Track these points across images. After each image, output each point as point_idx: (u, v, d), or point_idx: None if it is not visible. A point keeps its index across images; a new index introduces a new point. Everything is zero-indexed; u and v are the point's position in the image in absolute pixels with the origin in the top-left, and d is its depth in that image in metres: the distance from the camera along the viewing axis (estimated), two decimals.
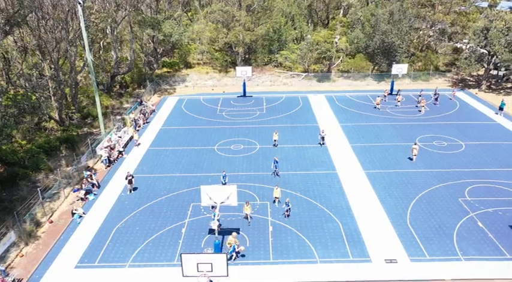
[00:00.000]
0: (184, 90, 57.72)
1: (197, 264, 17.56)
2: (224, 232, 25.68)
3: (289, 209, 27.35)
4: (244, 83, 53.92)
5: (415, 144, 35.35)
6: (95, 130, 43.47)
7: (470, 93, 54.10)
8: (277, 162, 33.06)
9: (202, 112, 48.50)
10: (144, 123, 44.93)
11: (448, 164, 34.63)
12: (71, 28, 41.26)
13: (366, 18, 59.88)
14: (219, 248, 22.56)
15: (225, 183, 30.40)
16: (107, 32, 51.04)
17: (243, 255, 23.90)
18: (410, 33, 58.74)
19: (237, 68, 54.37)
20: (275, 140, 38.17)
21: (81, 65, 47.74)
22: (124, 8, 51.13)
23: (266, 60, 66.04)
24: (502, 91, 54.45)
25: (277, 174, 33.03)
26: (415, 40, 61.76)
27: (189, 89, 58.52)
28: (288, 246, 24.94)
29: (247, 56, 66.78)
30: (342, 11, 72.07)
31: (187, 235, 25.97)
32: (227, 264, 17.94)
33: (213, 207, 25.76)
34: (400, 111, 47.33)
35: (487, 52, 52.51)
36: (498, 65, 53.30)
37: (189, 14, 78.93)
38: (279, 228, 26.61)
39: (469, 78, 60.06)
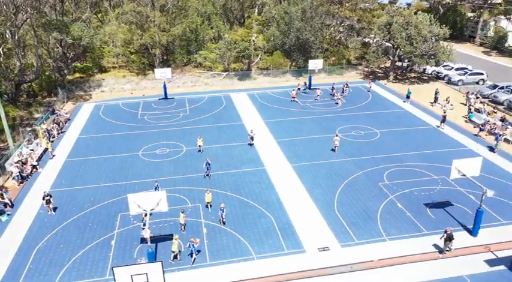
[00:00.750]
0: (100, 96, 54.77)
1: (131, 276, 16.78)
2: (157, 240, 24.92)
3: (224, 215, 26.61)
4: (164, 85, 52.60)
5: (336, 135, 37.17)
6: (2, 145, 39.60)
7: (380, 84, 58.15)
8: (209, 164, 32.75)
9: (122, 117, 46.43)
10: (58, 134, 41.87)
11: (367, 152, 36.90)
12: None
13: (280, 16, 61.51)
14: (152, 257, 21.81)
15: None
16: (7, 36, 46.70)
17: (198, 251, 23.69)
18: (322, 30, 61.47)
19: (155, 70, 52.89)
20: (199, 146, 37.01)
21: None
22: (24, 11, 47.15)
23: (185, 60, 65.05)
24: (407, 81, 59.27)
25: (208, 175, 32.70)
26: (327, 36, 64.74)
27: (106, 94, 55.68)
28: (223, 246, 24.85)
29: (165, 58, 65.24)
30: (256, 10, 73.22)
31: (118, 247, 24.75)
32: (163, 272, 17.38)
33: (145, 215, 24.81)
34: (319, 105, 49.41)
35: (391, 45, 56.69)
36: (402, 57, 57.77)
37: (99, 15, 74.96)
38: (213, 229, 26.42)
39: (378, 70, 64.47)
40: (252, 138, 38.28)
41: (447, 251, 23.74)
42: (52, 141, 39.70)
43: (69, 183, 32.57)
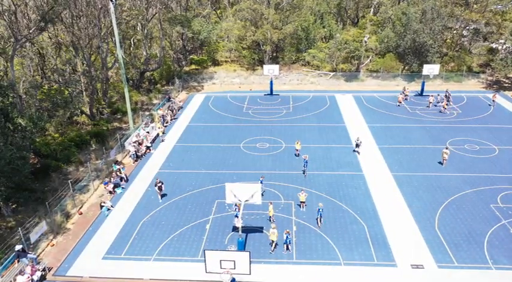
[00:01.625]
0: (211, 88, 58.13)
1: (220, 261, 17.66)
2: (248, 230, 25.78)
3: (321, 215, 26.47)
4: (271, 81, 53.82)
5: (446, 148, 34.38)
6: (124, 125, 44.35)
7: (506, 95, 52.21)
8: (306, 161, 32.90)
9: (228, 110, 48.71)
10: (171, 120, 45.52)
11: (480, 169, 33.55)
12: (103, 25, 42.21)
13: (397, 17, 58.60)
14: (242, 246, 22.61)
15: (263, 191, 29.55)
16: (138, 29, 51.94)
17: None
18: (443, 33, 57.15)
19: (264, 66, 54.31)
20: (297, 150, 36.03)
21: (113, 61, 48.72)
22: (154, 6, 51.92)
23: (294, 58, 65.68)
24: None
25: (304, 172, 32.83)
26: (448, 40, 59.98)
27: (217, 86, 58.90)
28: (311, 246, 24.76)
29: (274, 54, 66.64)
30: (372, 10, 70.77)
31: (211, 231, 26.17)
32: (250, 263, 17.97)
33: (236, 205, 25.87)
34: (430, 113, 46.14)
35: None
36: None
37: (218, 11, 79.25)
38: (303, 229, 26.43)
39: (504, 80, 57.96)
40: (357, 146, 36.62)
41: None
42: (166, 126, 43.34)
43: (176, 166, 35.28)
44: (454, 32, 59.62)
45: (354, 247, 24.62)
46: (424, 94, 51.59)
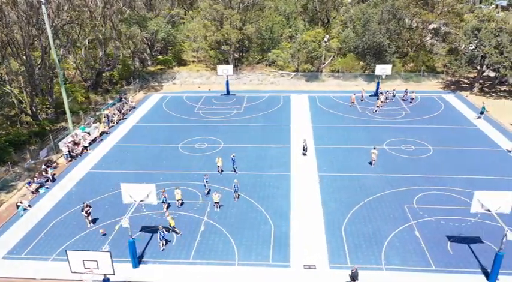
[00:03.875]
0: (171, 88, 58.24)
1: (83, 261, 17.76)
2: (151, 230, 25.89)
3: (236, 191, 29.09)
4: (227, 82, 53.90)
5: (374, 148, 34.32)
6: (74, 125, 44.44)
7: (461, 96, 52.12)
8: (233, 159, 33.25)
9: (180, 110, 48.79)
10: (120, 120, 45.63)
11: (409, 169, 33.53)
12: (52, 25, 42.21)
13: (357, 17, 58.56)
14: (133, 246, 22.60)
15: (208, 189, 30.33)
16: (95, 29, 52.00)
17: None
18: (401, 33, 57.07)
19: (218, 66, 54.36)
20: (218, 166, 33.29)
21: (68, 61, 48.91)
22: (110, 5, 51.92)
23: (258, 58, 65.71)
24: (494, 94, 52.19)
25: (235, 171, 33.26)
26: (410, 40, 59.87)
27: (176, 86, 59.01)
28: (212, 246, 24.77)
29: (239, 55, 66.70)
30: (342, 10, 70.67)
31: (119, 232, 26.12)
32: (112, 262, 18.07)
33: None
34: (379, 114, 46.08)
35: (479, 53, 50.28)
36: (490, 67, 51.03)
37: (190, 12, 79.28)
38: (211, 229, 26.47)
39: (464, 80, 57.86)
40: (304, 148, 36.10)
41: None
42: (111, 126, 43.47)
43: (107, 166, 35.39)
44: (415, 32, 59.44)
45: (254, 247, 24.65)
46: (377, 94, 51.55)
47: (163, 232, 24.26)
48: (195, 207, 28.87)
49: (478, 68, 52.04)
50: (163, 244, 24.53)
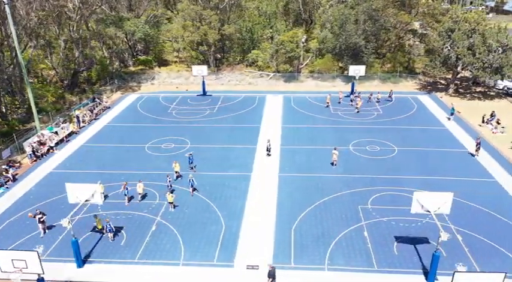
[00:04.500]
0: (148, 88, 58.30)
1: (12, 260, 17.86)
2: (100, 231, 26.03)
3: (192, 185, 30.09)
4: (203, 82, 54.00)
5: (335, 149, 34.42)
6: (41, 125, 44.51)
7: (435, 96, 52.25)
8: (189, 158, 33.82)
9: (153, 110, 48.85)
10: (92, 120, 45.70)
11: (369, 170, 33.62)
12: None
13: (335, 18, 58.69)
14: (76, 246, 22.71)
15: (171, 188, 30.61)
16: (70, 29, 52.13)
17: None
18: (379, 34, 57.21)
19: (192, 66, 54.47)
20: (176, 172, 32.54)
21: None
22: (87, 5, 52.04)
23: (238, 59, 65.83)
24: (468, 95, 52.32)
25: (193, 169, 33.57)
26: (387, 41, 60.01)
27: (155, 86, 59.09)
28: (160, 246, 24.85)
29: (220, 55, 66.81)
30: (320, 11, 70.65)
31: (69, 232, 26.17)
32: (40, 261, 18.18)
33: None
34: (350, 114, 46.18)
35: (453, 54, 50.38)
36: (464, 68, 51.18)
37: (169, 13, 79.31)
38: (162, 229, 26.56)
39: (441, 81, 57.99)
40: (267, 149, 36.15)
41: None
42: (82, 127, 43.56)
43: (71, 166, 35.46)
44: (392, 33, 59.55)
45: (201, 248, 24.74)
46: (354, 94, 51.64)
47: (109, 225, 24.99)
48: (150, 207, 28.97)
49: (454, 69, 52.09)
50: (111, 236, 25.21)
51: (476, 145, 35.45)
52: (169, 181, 30.58)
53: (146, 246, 24.95)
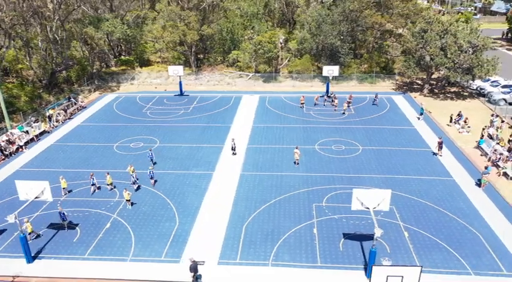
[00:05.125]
0: (128, 88, 58.69)
1: None
2: (59, 227, 26.45)
3: (152, 177, 31.49)
4: (180, 82, 54.43)
5: (296, 148, 34.86)
6: (15, 124, 44.94)
7: (409, 96, 52.69)
8: (149, 155, 34.76)
9: (129, 110, 49.25)
10: (66, 120, 46.11)
11: (330, 169, 34.05)
12: None
13: (312, 19, 59.16)
14: (24, 241, 23.17)
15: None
16: (47, 29, 52.58)
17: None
18: (355, 35, 57.68)
19: (169, 67, 54.88)
20: (131, 175, 31.51)
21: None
22: (67, 6, 52.49)
23: (219, 59, 66.26)
24: (441, 95, 52.75)
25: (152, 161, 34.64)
26: (364, 42, 60.47)
27: (134, 86, 59.49)
28: (112, 242, 25.28)
29: (203, 55, 67.24)
30: (299, 11, 71.14)
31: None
32: None
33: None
34: (322, 114, 46.62)
35: (426, 55, 50.82)
36: (436, 68, 51.61)
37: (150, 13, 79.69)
38: (116, 226, 27.00)
39: (417, 81, 58.43)
40: (232, 148, 36.54)
41: None
42: (55, 126, 43.98)
43: (38, 165, 35.88)
44: (369, 34, 60.00)
45: (152, 244, 25.17)
46: (329, 95, 52.09)
47: (63, 213, 26.14)
48: (108, 204, 29.39)
49: (428, 69, 52.53)
50: (66, 225, 26.41)
51: (438, 144, 35.89)
52: (137, 178, 31.17)
53: (98, 242, 25.38)
